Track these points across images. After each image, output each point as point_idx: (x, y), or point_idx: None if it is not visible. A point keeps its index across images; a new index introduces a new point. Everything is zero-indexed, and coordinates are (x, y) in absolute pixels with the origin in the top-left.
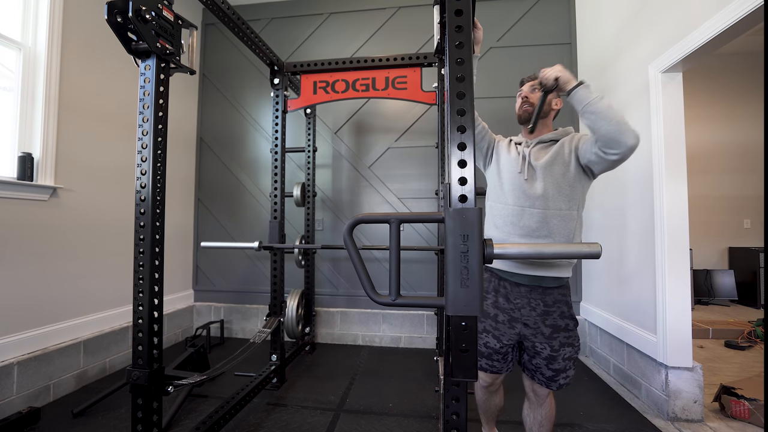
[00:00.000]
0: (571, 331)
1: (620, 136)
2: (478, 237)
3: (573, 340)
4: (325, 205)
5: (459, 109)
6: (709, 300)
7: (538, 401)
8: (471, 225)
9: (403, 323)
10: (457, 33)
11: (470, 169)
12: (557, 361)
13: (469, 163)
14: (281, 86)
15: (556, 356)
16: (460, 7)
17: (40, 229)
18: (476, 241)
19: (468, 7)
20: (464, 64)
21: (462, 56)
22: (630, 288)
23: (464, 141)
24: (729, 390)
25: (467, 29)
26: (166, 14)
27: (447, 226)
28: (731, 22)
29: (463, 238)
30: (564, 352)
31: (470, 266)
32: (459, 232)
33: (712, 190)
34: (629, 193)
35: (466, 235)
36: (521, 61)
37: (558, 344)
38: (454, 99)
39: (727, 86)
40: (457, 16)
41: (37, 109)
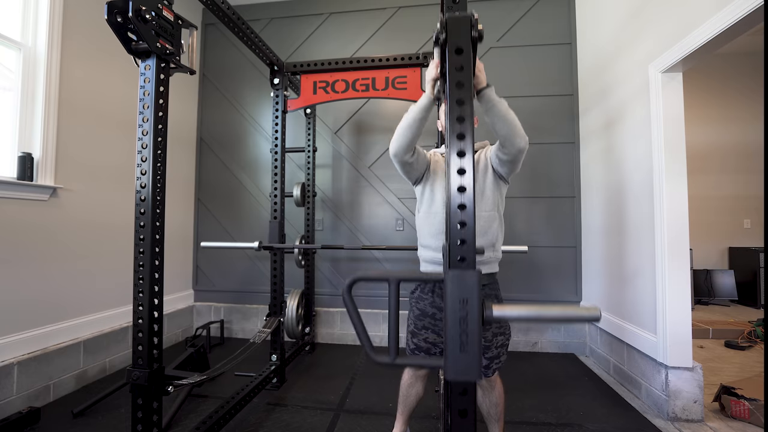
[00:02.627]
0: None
1: (513, 138)
2: (478, 301)
3: (504, 329)
4: (325, 205)
5: (459, 151)
6: (709, 300)
7: (489, 386)
8: (470, 289)
9: (403, 323)
10: (457, 72)
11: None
12: (491, 350)
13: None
14: (281, 86)
15: (490, 346)
16: (460, 45)
17: (39, 229)
18: (475, 305)
19: (468, 48)
20: (464, 105)
21: (462, 96)
22: (630, 288)
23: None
24: (729, 390)
25: (467, 72)
26: (166, 14)
27: (446, 288)
28: (731, 22)
29: (462, 303)
30: (497, 341)
31: (469, 331)
32: (458, 296)
33: (712, 190)
34: (629, 193)
35: (465, 299)
36: (521, 61)
37: (491, 335)
38: (453, 139)
39: (727, 86)
40: (458, 55)
41: (37, 109)
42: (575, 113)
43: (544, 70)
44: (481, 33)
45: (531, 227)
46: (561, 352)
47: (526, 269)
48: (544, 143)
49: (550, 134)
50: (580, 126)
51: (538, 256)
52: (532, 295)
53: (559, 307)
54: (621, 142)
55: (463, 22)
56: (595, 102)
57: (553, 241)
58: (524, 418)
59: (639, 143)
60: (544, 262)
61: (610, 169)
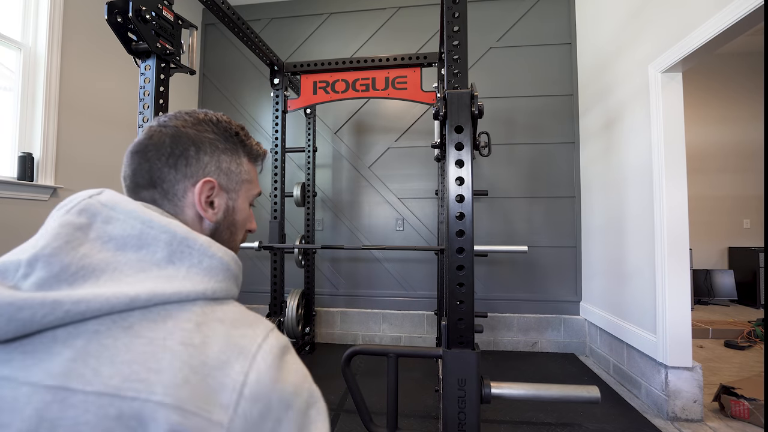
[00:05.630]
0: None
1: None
2: (477, 382)
3: None
4: (325, 205)
5: (458, 230)
6: (709, 300)
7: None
8: (469, 369)
9: (403, 323)
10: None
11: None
12: None
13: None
14: (281, 86)
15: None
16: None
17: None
18: (474, 385)
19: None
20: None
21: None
22: (630, 288)
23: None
24: (729, 390)
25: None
26: (166, 14)
27: (444, 367)
28: (731, 22)
29: (460, 383)
30: None
31: (467, 410)
32: (456, 375)
33: (712, 190)
34: (629, 193)
35: (463, 379)
36: (521, 61)
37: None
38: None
39: (727, 86)
40: (458, 133)
41: (37, 109)
42: (575, 113)
43: (544, 70)
44: (481, 109)
45: (531, 227)
46: (561, 352)
47: (526, 269)
48: (544, 143)
49: (550, 134)
50: (580, 126)
51: (537, 256)
52: (532, 295)
53: (559, 387)
54: (621, 142)
55: (463, 99)
56: (595, 102)
57: (552, 241)
58: (524, 418)
59: (639, 143)
60: (543, 262)
61: (609, 169)
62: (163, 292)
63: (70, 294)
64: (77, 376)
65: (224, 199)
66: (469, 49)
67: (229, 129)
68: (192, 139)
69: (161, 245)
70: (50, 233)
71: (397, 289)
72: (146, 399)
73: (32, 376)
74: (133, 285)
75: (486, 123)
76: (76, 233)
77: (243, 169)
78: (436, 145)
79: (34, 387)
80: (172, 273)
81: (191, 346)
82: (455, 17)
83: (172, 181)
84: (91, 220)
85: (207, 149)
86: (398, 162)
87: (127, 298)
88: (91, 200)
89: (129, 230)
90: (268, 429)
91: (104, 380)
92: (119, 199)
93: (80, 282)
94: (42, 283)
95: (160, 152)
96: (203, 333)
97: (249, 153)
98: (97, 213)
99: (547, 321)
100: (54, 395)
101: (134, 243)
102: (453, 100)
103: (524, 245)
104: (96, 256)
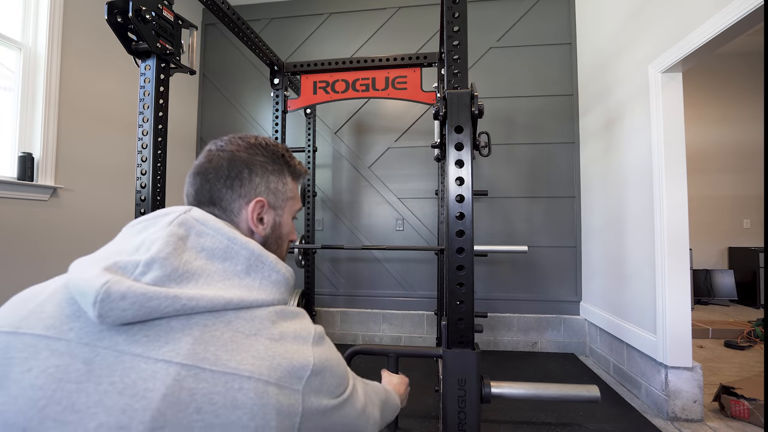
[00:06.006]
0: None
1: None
2: (477, 381)
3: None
4: (325, 205)
5: (458, 230)
6: (709, 300)
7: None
8: (469, 369)
9: (403, 323)
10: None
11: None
12: None
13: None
14: (281, 86)
15: None
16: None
17: (40, 229)
18: (474, 385)
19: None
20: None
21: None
22: (630, 288)
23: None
24: (729, 390)
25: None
26: (166, 14)
27: (444, 367)
28: (731, 22)
29: (460, 383)
30: None
31: (467, 410)
32: (456, 375)
33: (712, 190)
34: (629, 193)
35: (463, 379)
36: (521, 61)
37: None
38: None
39: (727, 86)
40: (458, 133)
41: (37, 109)
42: (575, 113)
43: (544, 70)
44: (481, 109)
45: (531, 227)
46: (561, 352)
47: (526, 269)
48: (544, 143)
49: (550, 134)
50: (580, 126)
51: (538, 256)
52: (532, 295)
53: (558, 386)
54: (621, 142)
55: (463, 99)
56: (595, 102)
57: (552, 241)
58: (524, 418)
59: (639, 143)
60: (544, 262)
61: (609, 169)
62: (248, 299)
63: (183, 291)
64: (203, 359)
65: (272, 215)
66: (469, 49)
67: (276, 152)
68: (245, 163)
69: (242, 259)
70: (162, 240)
71: (397, 289)
72: (258, 378)
73: (164, 355)
74: (225, 290)
75: (486, 123)
76: (179, 242)
77: (288, 188)
78: (436, 145)
79: (168, 363)
80: (249, 283)
81: (274, 341)
82: (455, 17)
83: (229, 200)
84: (188, 233)
85: (258, 171)
86: (398, 162)
87: (224, 300)
88: (186, 215)
89: (217, 244)
90: (325, 390)
91: (225, 362)
92: (207, 216)
93: (185, 282)
94: (157, 281)
95: (219, 174)
96: (279, 330)
97: (293, 173)
98: (192, 227)
99: (547, 321)
100: (188, 371)
101: (221, 255)
102: (453, 100)
103: (524, 245)
104: (194, 262)
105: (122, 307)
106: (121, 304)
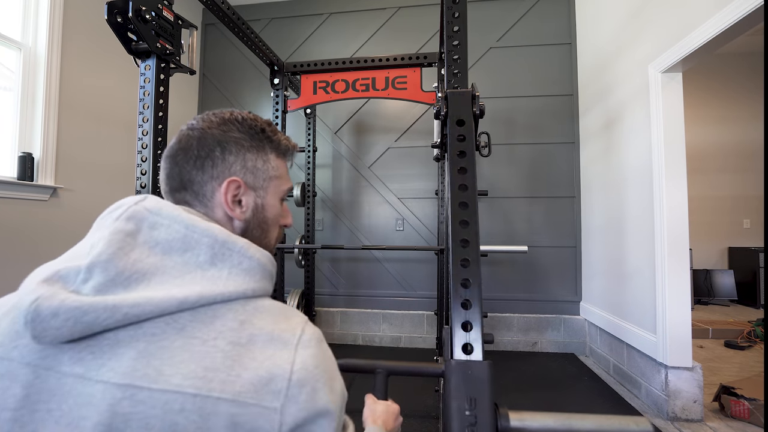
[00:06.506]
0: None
1: None
2: (489, 402)
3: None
4: (325, 205)
5: (462, 259)
6: (709, 300)
7: None
8: (480, 385)
9: (403, 323)
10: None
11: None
12: None
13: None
14: (281, 86)
15: None
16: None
17: (40, 229)
18: (487, 407)
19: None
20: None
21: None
22: (630, 288)
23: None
24: (729, 390)
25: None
26: (166, 14)
27: (448, 384)
28: (731, 22)
29: (470, 403)
30: None
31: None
32: (464, 393)
33: (712, 190)
34: (629, 193)
35: (473, 399)
36: (521, 61)
37: None
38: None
39: (727, 86)
40: (459, 126)
41: (37, 109)
42: (575, 113)
43: (544, 70)
44: (482, 109)
45: (531, 227)
46: (561, 351)
47: (526, 269)
48: (544, 143)
49: (550, 134)
50: (580, 126)
51: (538, 256)
52: (532, 295)
53: (597, 417)
54: (621, 142)
55: (464, 98)
56: (595, 102)
57: (553, 241)
58: None
59: (639, 143)
60: (544, 262)
61: (609, 169)
62: (210, 294)
63: (126, 298)
64: (143, 375)
65: (252, 197)
66: (469, 49)
67: (254, 126)
68: (217, 140)
69: (204, 248)
70: (104, 240)
71: (397, 289)
72: (206, 395)
73: (103, 375)
74: (181, 287)
75: (486, 123)
76: (127, 239)
77: (270, 166)
78: (436, 145)
79: (105, 384)
80: (215, 274)
81: (239, 345)
82: (455, 17)
83: (200, 182)
84: (139, 226)
85: (232, 149)
86: (398, 162)
87: (176, 301)
88: (137, 207)
89: (174, 234)
90: (316, 409)
91: (167, 378)
92: (163, 204)
93: (134, 285)
94: (100, 288)
95: (188, 155)
96: (248, 331)
97: (277, 148)
98: (144, 219)
99: (547, 321)
100: (123, 392)
101: (179, 246)
102: (455, 97)
103: (524, 245)
104: (146, 260)
105: (55, 325)
106: (53, 323)
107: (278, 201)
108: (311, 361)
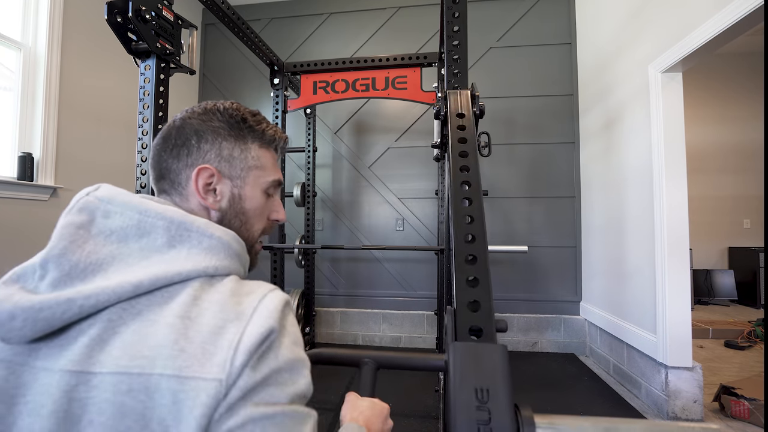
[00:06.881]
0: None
1: None
2: (507, 395)
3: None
4: (325, 205)
5: (467, 255)
6: (709, 300)
7: None
8: (492, 373)
9: (403, 323)
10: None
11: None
12: None
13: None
14: (281, 86)
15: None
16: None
17: (40, 229)
18: (504, 402)
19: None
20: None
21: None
22: (630, 288)
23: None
24: (729, 390)
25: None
26: (166, 14)
27: (451, 372)
28: (731, 22)
29: (480, 395)
30: None
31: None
32: (472, 383)
33: (712, 190)
34: (629, 193)
35: (484, 390)
36: (521, 61)
37: None
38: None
39: (727, 86)
40: (461, 130)
41: (37, 109)
42: (575, 113)
43: (544, 70)
44: (482, 109)
45: (531, 227)
46: (561, 351)
47: (526, 269)
48: (544, 143)
49: (550, 134)
50: (580, 126)
51: (538, 256)
52: (532, 295)
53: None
54: (621, 142)
55: (465, 94)
56: (595, 102)
57: (553, 241)
58: None
59: (639, 143)
60: (544, 262)
61: (609, 169)
62: (165, 275)
63: (80, 290)
64: (95, 362)
65: (228, 186)
66: (469, 49)
67: (234, 116)
68: (195, 129)
69: (160, 232)
70: (56, 234)
71: (397, 289)
72: (150, 373)
73: (61, 365)
74: (137, 272)
75: (486, 123)
76: (79, 231)
77: (250, 155)
78: (436, 145)
79: (61, 373)
80: (173, 256)
81: (187, 319)
82: (455, 17)
83: (176, 171)
84: (92, 216)
85: (209, 137)
86: (398, 162)
87: (131, 285)
88: (88, 197)
89: (127, 221)
90: (272, 380)
91: (115, 361)
92: (116, 192)
93: (90, 277)
94: (56, 283)
95: (167, 144)
96: (199, 306)
97: (261, 138)
98: (96, 208)
99: (547, 321)
100: (78, 378)
101: (134, 233)
102: (455, 95)
103: (524, 245)
104: (102, 250)
105: (17, 326)
106: (14, 324)
107: (260, 192)
108: (264, 328)
